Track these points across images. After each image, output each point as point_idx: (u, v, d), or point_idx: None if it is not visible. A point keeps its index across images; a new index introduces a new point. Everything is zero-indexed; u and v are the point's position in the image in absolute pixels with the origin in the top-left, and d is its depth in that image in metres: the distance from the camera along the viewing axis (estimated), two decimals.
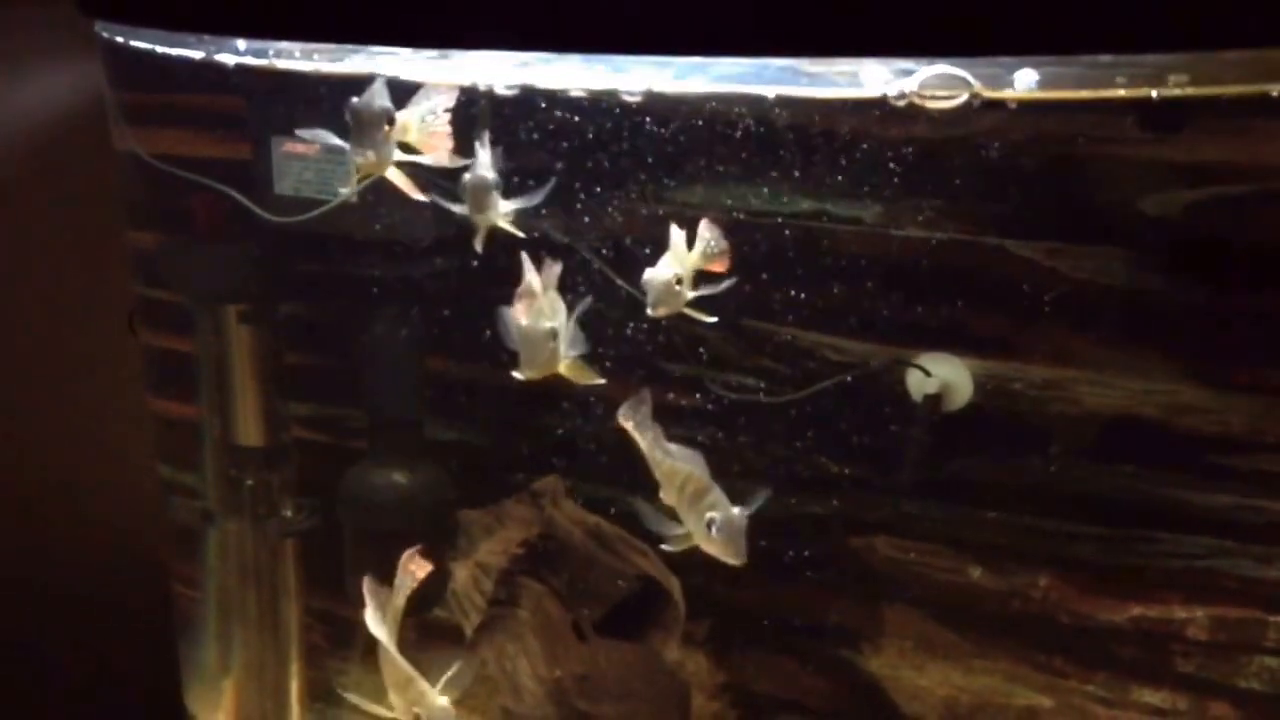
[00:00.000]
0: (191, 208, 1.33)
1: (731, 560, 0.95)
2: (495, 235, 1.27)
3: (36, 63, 1.56)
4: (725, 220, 1.05)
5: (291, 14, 0.91)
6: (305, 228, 1.24)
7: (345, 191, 1.19)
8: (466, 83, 1.00)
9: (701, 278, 1.04)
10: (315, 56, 1.00)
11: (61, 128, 1.57)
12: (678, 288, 0.99)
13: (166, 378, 1.46)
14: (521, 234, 1.03)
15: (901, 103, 0.88)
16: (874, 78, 0.89)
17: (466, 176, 1.00)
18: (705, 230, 1.03)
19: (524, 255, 0.99)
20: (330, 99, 0.97)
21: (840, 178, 1.18)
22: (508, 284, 1.29)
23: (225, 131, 1.32)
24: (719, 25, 0.77)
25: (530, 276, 1.00)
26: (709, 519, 0.94)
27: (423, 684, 1.02)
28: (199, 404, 1.41)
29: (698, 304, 1.04)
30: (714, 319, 1.05)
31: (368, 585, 1.07)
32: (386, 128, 0.90)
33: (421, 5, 0.86)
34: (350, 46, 0.96)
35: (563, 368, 0.99)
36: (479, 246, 1.03)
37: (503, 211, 1.05)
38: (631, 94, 1.05)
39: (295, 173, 1.24)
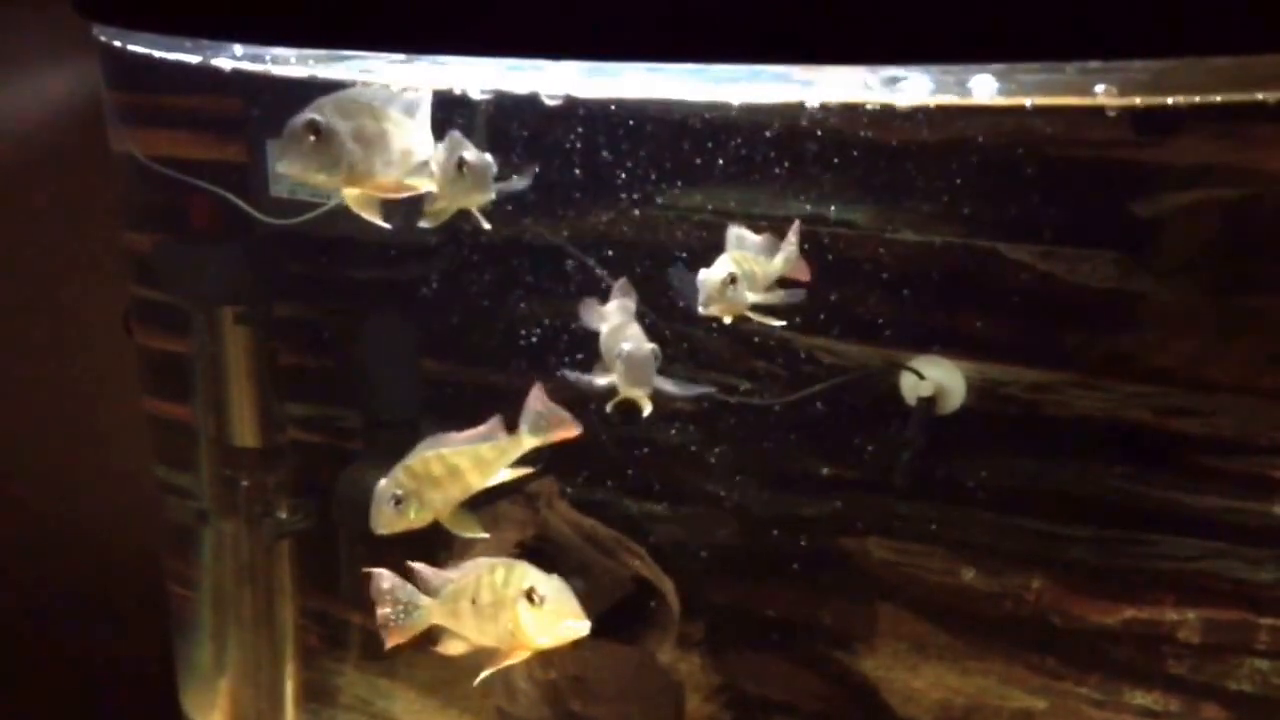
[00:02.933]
0: (188, 209, 1.33)
1: (632, 391, 0.95)
2: (490, 241, 1.27)
3: (34, 63, 1.56)
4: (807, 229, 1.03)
5: (286, 20, 0.92)
6: (301, 230, 1.24)
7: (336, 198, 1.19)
8: (458, 85, 1.00)
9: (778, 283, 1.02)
10: (311, 62, 1.00)
11: (59, 128, 1.57)
12: (731, 288, 0.97)
13: (162, 378, 1.47)
14: (489, 225, 1.03)
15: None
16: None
17: (467, 156, 0.98)
18: (792, 236, 1.01)
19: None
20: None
21: (834, 181, 1.18)
22: (503, 286, 1.31)
23: (222, 133, 1.32)
24: (704, 31, 0.78)
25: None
26: (619, 350, 0.95)
27: (525, 565, 0.90)
28: (194, 405, 1.41)
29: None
30: (782, 324, 1.02)
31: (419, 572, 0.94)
32: (311, 139, 0.87)
33: (415, 11, 0.86)
34: (344, 52, 0.97)
35: (446, 517, 0.93)
36: (428, 223, 1.01)
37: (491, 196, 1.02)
38: (554, 97, 1.05)
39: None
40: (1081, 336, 1.17)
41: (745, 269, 0.99)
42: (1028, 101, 0.91)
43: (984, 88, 0.87)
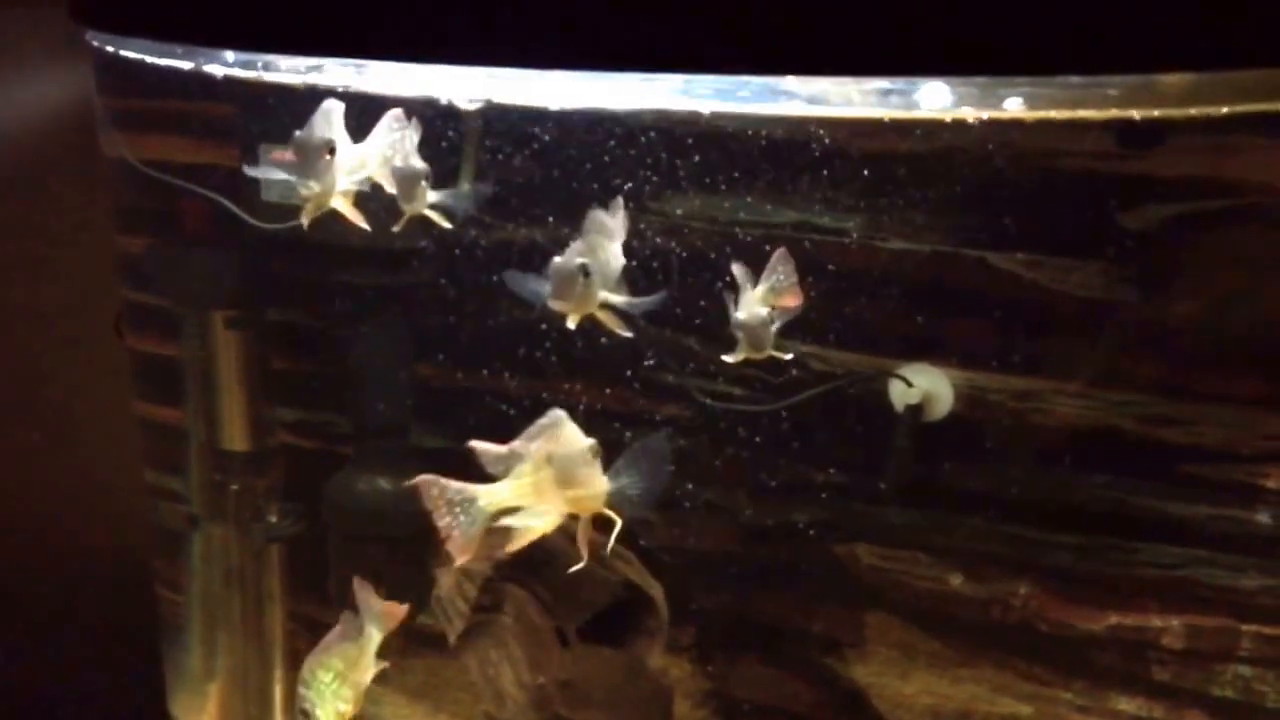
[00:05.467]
0: (180, 213, 1.34)
1: (558, 305, 0.92)
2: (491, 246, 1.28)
3: (26, 68, 1.56)
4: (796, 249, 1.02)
5: (278, 27, 0.92)
6: (293, 234, 1.24)
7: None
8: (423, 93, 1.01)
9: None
10: (302, 68, 1.01)
11: (50, 133, 1.57)
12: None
13: (153, 382, 1.47)
14: (448, 224, 1.03)
15: None
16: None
17: (396, 164, 0.99)
18: (779, 264, 1.01)
19: None
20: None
21: (823, 190, 1.19)
22: (496, 292, 1.31)
23: (214, 138, 1.33)
24: (699, 43, 0.78)
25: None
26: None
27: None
28: (185, 409, 1.41)
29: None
30: (788, 356, 1.03)
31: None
32: (328, 157, 0.91)
33: (406, 20, 0.86)
34: (336, 59, 0.97)
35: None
36: (397, 227, 1.03)
37: (429, 201, 1.03)
38: (474, 102, 1.05)
39: (283, 179, 1.24)
40: (1068, 345, 1.18)
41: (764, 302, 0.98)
42: (1017, 114, 0.92)
43: (972, 100, 0.88)
